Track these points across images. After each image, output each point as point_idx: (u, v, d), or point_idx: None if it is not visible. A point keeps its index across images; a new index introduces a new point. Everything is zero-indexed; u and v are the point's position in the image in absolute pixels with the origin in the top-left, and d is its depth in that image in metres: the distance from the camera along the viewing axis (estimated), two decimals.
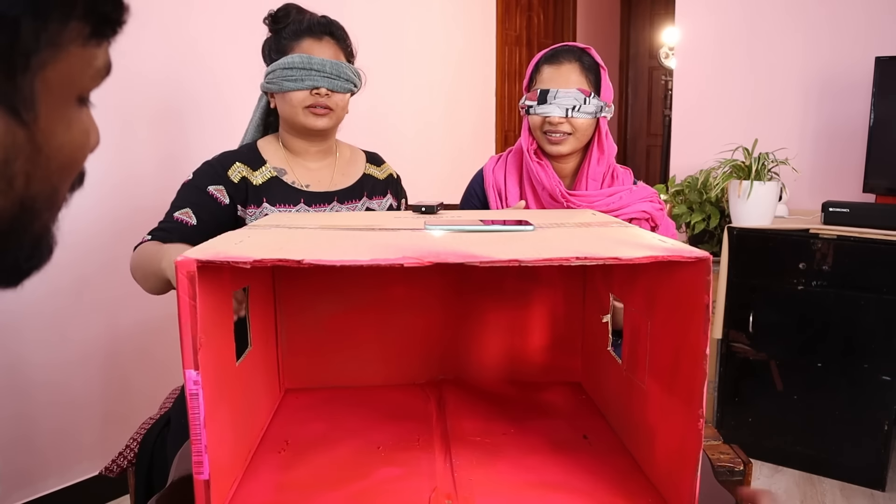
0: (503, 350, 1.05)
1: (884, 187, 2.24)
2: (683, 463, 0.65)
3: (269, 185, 1.29)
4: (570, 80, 1.27)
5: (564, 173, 1.37)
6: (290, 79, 1.24)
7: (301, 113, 1.26)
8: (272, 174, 1.30)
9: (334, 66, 1.25)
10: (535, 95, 1.28)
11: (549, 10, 4.12)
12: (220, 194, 1.25)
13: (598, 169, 1.33)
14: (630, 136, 5.41)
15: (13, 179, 0.38)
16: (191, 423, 0.59)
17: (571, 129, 1.27)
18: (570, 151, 1.31)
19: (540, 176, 1.31)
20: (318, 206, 1.32)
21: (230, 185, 1.26)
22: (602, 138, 1.31)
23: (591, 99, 1.26)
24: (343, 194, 1.35)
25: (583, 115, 1.26)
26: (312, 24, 1.28)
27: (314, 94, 1.25)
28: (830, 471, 2.13)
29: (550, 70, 1.30)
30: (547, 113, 1.26)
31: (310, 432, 0.86)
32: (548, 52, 1.33)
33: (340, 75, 1.26)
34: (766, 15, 2.59)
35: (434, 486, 0.72)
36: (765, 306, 2.19)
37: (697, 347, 0.61)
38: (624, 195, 1.32)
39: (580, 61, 1.29)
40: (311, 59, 1.23)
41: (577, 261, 0.60)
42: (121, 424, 1.92)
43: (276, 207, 1.28)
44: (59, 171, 0.42)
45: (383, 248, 0.64)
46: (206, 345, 0.60)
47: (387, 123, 2.80)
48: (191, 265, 0.58)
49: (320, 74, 1.23)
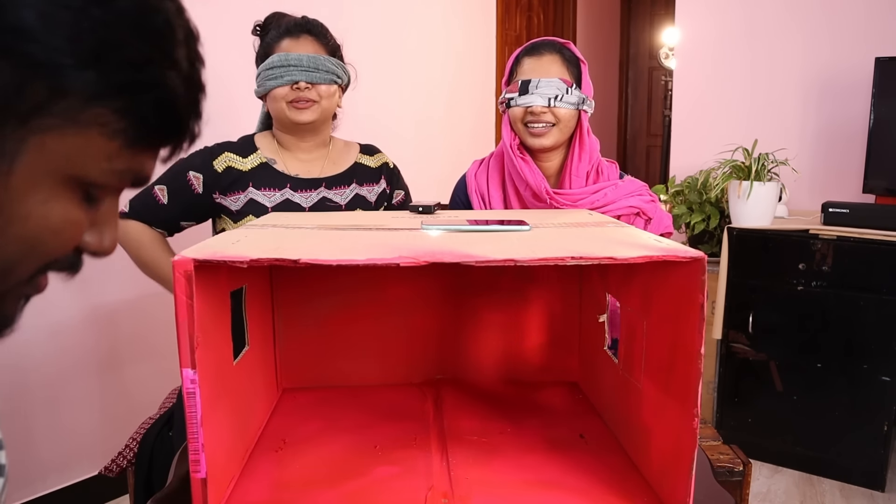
0: (500, 349, 1.05)
1: (883, 188, 2.23)
2: (679, 462, 0.65)
3: (256, 171, 1.34)
4: (551, 70, 1.26)
5: (548, 172, 1.34)
6: (271, 77, 1.29)
7: (286, 108, 1.31)
8: (262, 160, 1.35)
9: (311, 59, 1.29)
10: (516, 87, 1.26)
11: (549, 10, 4.12)
12: (196, 182, 1.31)
13: (581, 166, 1.30)
14: (630, 136, 5.40)
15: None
16: (188, 422, 0.59)
17: (554, 120, 1.25)
18: (553, 144, 1.28)
19: (524, 172, 1.28)
20: (304, 192, 1.35)
21: (211, 174, 1.31)
22: (584, 134, 1.29)
23: (572, 90, 1.24)
24: (331, 181, 1.38)
25: (565, 104, 1.24)
26: (290, 25, 1.34)
27: (295, 89, 1.29)
28: (830, 471, 2.13)
29: (531, 61, 1.28)
30: (529, 103, 1.24)
31: (307, 431, 0.86)
32: (527, 46, 1.31)
33: (319, 67, 1.30)
34: (766, 15, 2.59)
35: (430, 484, 0.72)
36: (764, 307, 2.19)
37: (692, 347, 0.61)
38: (609, 191, 1.29)
39: (561, 53, 1.28)
40: (289, 56, 1.28)
41: (573, 260, 0.60)
42: (120, 424, 1.93)
43: (262, 191, 1.32)
44: (16, 240, 0.37)
45: (380, 248, 0.64)
46: (204, 344, 0.60)
47: (386, 123, 2.80)
48: (188, 264, 0.58)
49: (298, 69, 1.28)
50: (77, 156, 0.37)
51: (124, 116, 0.37)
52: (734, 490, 1.25)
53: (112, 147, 0.38)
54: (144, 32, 0.36)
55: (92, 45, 0.34)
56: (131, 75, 0.36)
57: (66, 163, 0.37)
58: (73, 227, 0.40)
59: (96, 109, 0.36)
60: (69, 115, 0.35)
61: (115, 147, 0.38)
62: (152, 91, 0.38)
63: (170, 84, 0.39)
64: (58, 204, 0.38)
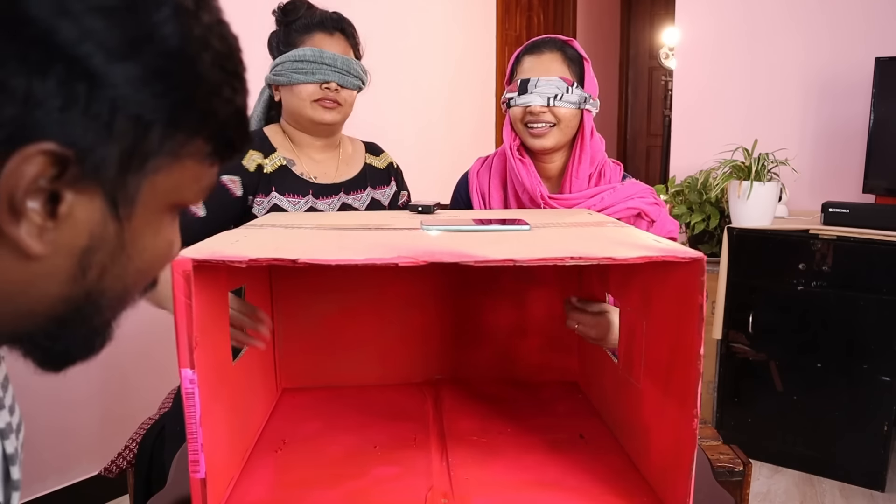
0: (499, 349, 1.05)
1: (883, 188, 2.23)
2: (678, 462, 0.65)
3: (279, 174, 1.27)
4: (550, 69, 1.23)
5: (549, 174, 1.31)
6: (300, 71, 1.23)
7: (309, 106, 1.25)
8: (282, 162, 1.28)
9: (345, 61, 1.25)
10: (516, 87, 1.24)
11: (549, 10, 4.12)
12: (234, 185, 1.22)
13: (583, 168, 1.26)
14: (630, 136, 5.40)
15: (88, 269, 0.38)
16: (187, 422, 0.59)
17: (554, 120, 1.22)
18: (553, 145, 1.24)
19: (521, 174, 1.25)
20: (326, 198, 1.31)
21: (245, 174, 1.23)
22: (586, 135, 1.25)
23: (573, 89, 1.21)
24: (349, 185, 1.35)
25: (565, 104, 1.21)
26: (325, 18, 1.28)
27: (324, 89, 1.24)
28: (830, 471, 2.13)
29: (531, 59, 1.25)
30: (528, 103, 1.21)
31: (306, 431, 0.86)
32: (528, 44, 1.29)
33: (350, 71, 1.26)
34: (766, 15, 2.59)
35: (430, 484, 0.72)
36: (764, 307, 2.19)
37: (692, 347, 0.61)
38: (607, 195, 1.25)
39: (562, 51, 1.25)
40: (323, 54, 1.23)
41: (572, 261, 0.60)
42: (120, 425, 1.93)
43: (286, 197, 1.27)
44: (136, 273, 0.41)
45: (379, 248, 0.64)
46: (202, 344, 0.60)
47: (387, 123, 2.80)
48: (186, 264, 0.58)
49: (331, 69, 1.23)
50: (178, 186, 0.40)
51: (210, 140, 0.40)
52: (734, 490, 1.25)
53: (201, 169, 0.41)
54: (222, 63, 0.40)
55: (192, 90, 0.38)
56: (217, 105, 0.40)
57: (170, 195, 0.40)
58: (174, 247, 0.45)
59: (194, 142, 0.39)
60: (173, 152, 0.38)
61: (204, 168, 0.41)
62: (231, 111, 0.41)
63: (240, 100, 0.42)
64: (165, 231, 0.43)
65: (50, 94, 0.33)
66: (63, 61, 0.33)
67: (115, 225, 0.38)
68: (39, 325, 0.40)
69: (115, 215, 0.38)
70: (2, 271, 0.36)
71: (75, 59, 0.33)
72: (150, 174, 0.38)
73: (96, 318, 0.42)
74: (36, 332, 0.40)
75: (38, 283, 0.37)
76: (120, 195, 0.37)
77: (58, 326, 0.40)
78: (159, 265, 0.44)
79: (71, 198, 0.35)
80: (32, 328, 0.40)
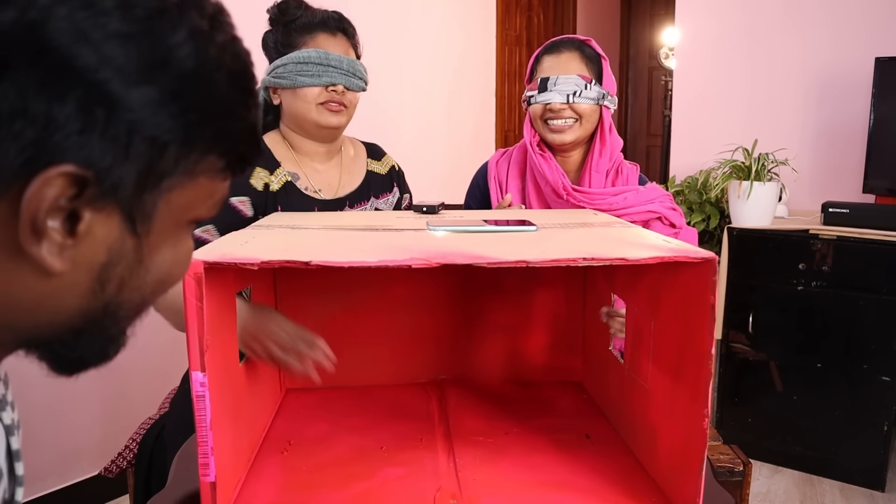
0: (504, 350, 1.05)
1: (884, 188, 2.24)
2: (688, 462, 0.65)
3: (284, 192, 1.23)
4: (569, 67, 1.27)
5: (568, 168, 1.34)
6: (305, 73, 1.19)
7: (315, 109, 1.21)
8: (287, 179, 1.24)
9: (350, 63, 1.22)
10: (536, 85, 1.28)
11: (549, 10, 4.12)
12: (244, 206, 1.17)
13: (602, 162, 1.31)
14: (630, 136, 5.40)
15: (107, 283, 0.39)
16: (197, 426, 0.59)
17: (575, 116, 1.26)
18: (573, 140, 1.28)
19: (543, 168, 1.29)
20: None
21: (254, 193, 1.18)
22: (605, 130, 1.30)
23: (591, 85, 1.25)
24: (352, 198, 1.32)
25: (584, 100, 1.25)
26: (326, 18, 1.24)
27: (330, 91, 1.20)
28: (830, 471, 2.13)
29: (550, 59, 1.30)
30: (548, 100, 1.26)
31: (312, 432, 0.86)
32: (547, 44, 1.33)
33: (356, 73, 1.23)
34: (765, 15, 2.59)
35: (438, 485, 0.72)
36: (764, 307, 2.19)
37: (703, 347, 0.61)
38: (630, 196, 1.29)
39: (580, 50, 1.29)
40: (329, 55, 1.19)
41: (585, 262, 0.60)
42: (120, 424, 1.92)
43: None
44: (153, 284, 0.43)
45: (389, 249, 0.64)
46: (212, 346, 0.60)
47: (387, 124, 2.79)
48: (198, 267, 0.57)
49: (338, 71, 1.20)
50: (193, 201, 0.41)
51: (224, 156, 0.41)
52: (734, 490, 1.25)
53: (214, 184, 0.42)
54: (236, 82, 0.41)
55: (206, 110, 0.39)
56: (230, 122, 0.41)
57: (186, 210, 0.41)
58: (189, 257, 0.46)
59: (208, 159, 0.40)
60: (187, 170, 0.39)
61: (217, 183, 0.43)
62: (244, 128, 0.42)
63: (252, 116, 0.43)
64: (181, 245, 0.44)
65: (69, 118, 0.34)
66: (82, 86, 0.34)
67: (133, 241, 0.39)
68: (57, 335, 0.41)
69: (133, 231, 0.39)
70: (23, 287, 0.37)
71: (94, 85, 0.34)
72: (165, 192, 0.39)
73: (113, 328, 0.43)
74: (53, 340, 0.41)
75: (58, 297, 0.38)
76: (137, 212, 0.38)
77: (75, 336, 0.41)
78: (178, 275, 0.45)
79: (89, 216, 0.36)
80: (50, 337, 0.41)
